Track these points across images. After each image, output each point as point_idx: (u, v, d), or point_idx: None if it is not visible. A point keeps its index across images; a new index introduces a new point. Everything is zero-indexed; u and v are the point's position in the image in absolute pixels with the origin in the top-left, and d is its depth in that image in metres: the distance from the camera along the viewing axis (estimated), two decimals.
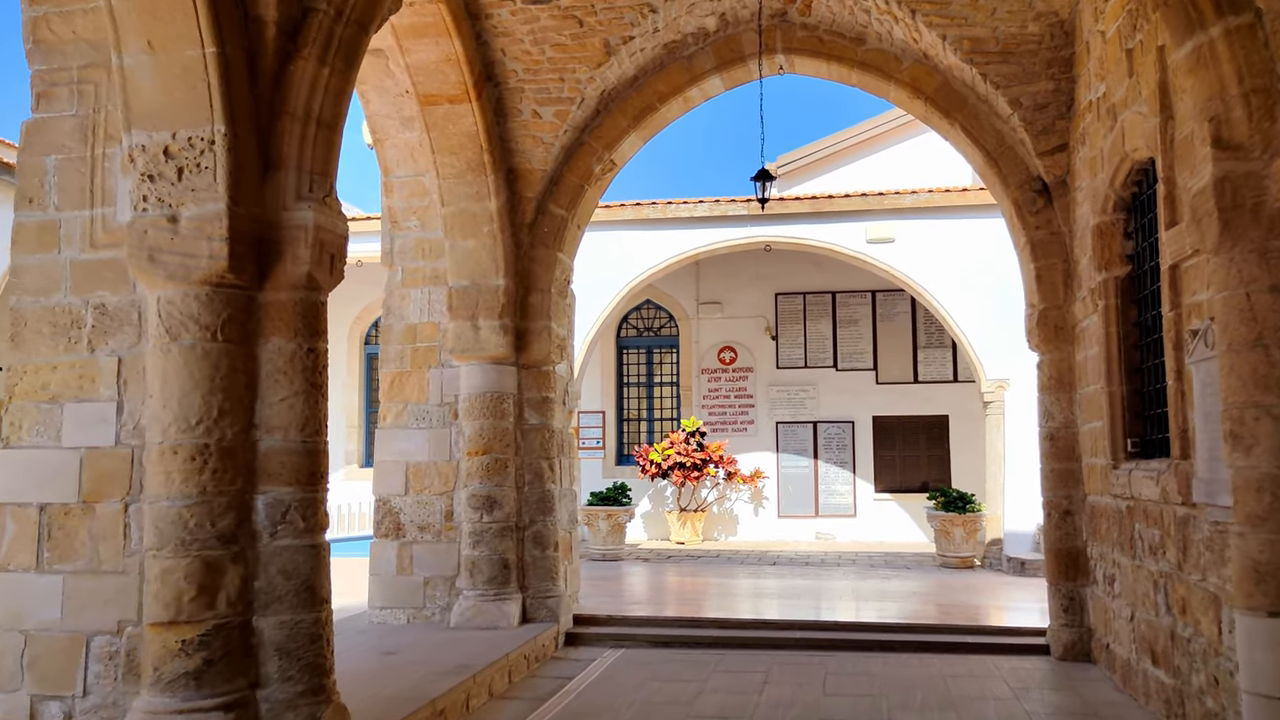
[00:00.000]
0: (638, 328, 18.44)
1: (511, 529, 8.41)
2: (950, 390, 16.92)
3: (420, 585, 8.52)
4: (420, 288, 8.91)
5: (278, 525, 4.42)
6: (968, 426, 16.58)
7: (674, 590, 11.40)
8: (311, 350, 4.58)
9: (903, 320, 17.25)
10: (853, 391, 17.21)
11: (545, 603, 8.44)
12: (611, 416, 18.09)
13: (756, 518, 17.36)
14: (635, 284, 14.50)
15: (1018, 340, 13.41)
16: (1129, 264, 6.42)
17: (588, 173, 8.82)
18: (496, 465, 8.37)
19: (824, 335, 17.46)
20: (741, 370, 17.66)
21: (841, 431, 17.20)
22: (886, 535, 16.84)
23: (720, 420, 17.57)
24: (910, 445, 17.13)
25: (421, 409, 8.75)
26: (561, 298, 9.05)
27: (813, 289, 17.53)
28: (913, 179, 15.26)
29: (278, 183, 4.56)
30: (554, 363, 8.88)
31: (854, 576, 12.42)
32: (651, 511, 17.66)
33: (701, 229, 14.34)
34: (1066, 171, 7.66)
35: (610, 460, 17.96)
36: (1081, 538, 7.47)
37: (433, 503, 8.61)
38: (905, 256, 13.75)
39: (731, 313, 17.76)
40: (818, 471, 17.23)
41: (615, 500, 14.32)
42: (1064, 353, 7.72)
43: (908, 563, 13.99)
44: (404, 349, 8.87)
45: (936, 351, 17.06)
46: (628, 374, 18.42)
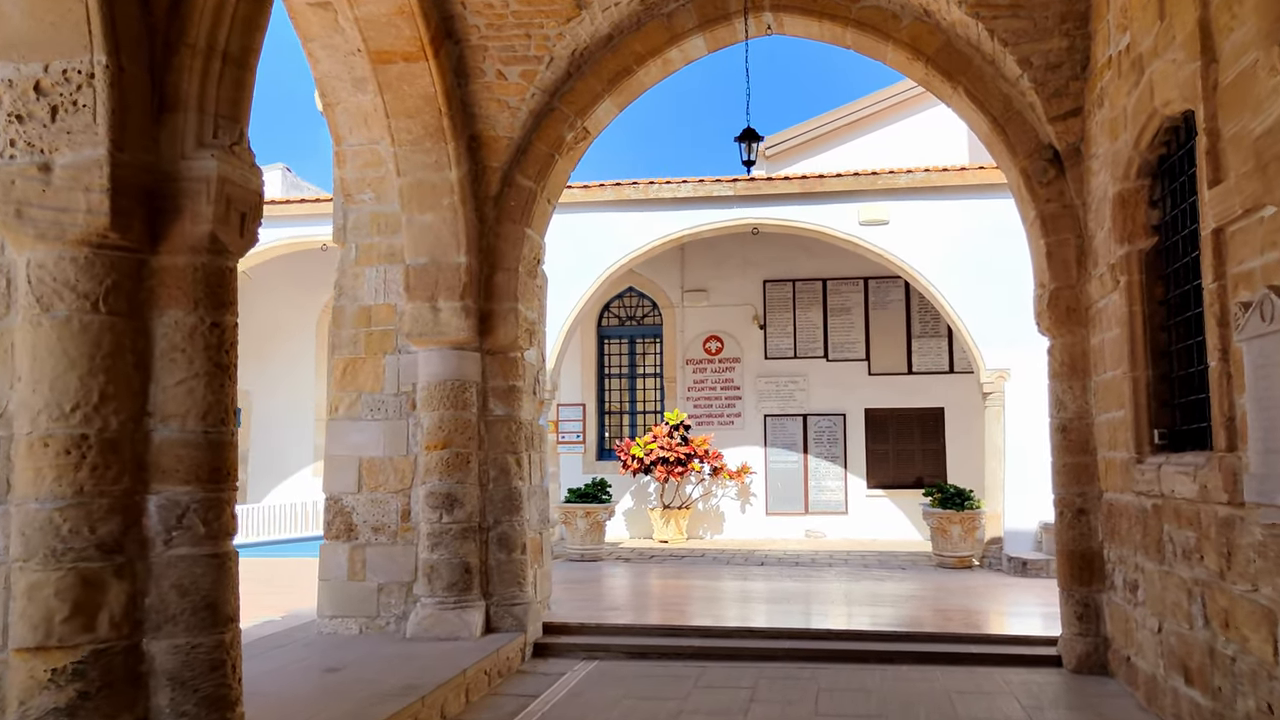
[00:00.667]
0: (620, 316, 17.81)
1: (474, 530, 7.77)
2: (946, 381, 16.36)
3: (374, 592, 7.87)
4: (375, 266, 8.25)
5: (173, 531, 3.77)
6: (964, 419, 16.03)
7: (654, 594, 10.79)
8: (216, 325, 3.93)
9: (896, 308, 16.68)
10: (844, 383, 16.64)
11: (511, 610, 7.80)
12: (592, 409, 17.47)
13: (744, 515, 16.78)
14: (616, 268, 13.86)
15: (1018, 328, 12.86)
16: (1155, 235, 5.83)
17: (558, 141, 8.17)
18: (457, 460, 7.72)
19: (814, 324, 16.87)
20: (728, 361, 17.06)
21: (832, 425, 16.63)
22: (879, 533, 16.28)
23: (706, 413, 16.97)
24: (904, 439, 16.58)
25: (376, 399, 8.10)
26: (530, 278, 8.41)
27: (802, 276, 16.95)
28: (908, 159, 14.67)
29: (175, 126, 3.90)
30: (522, 348, 8.24)
31: (846, 578, 11.84)
32: (634, 509, 17.06)
33: (685, 210, 13.71)
34: (1080, 138, 7.06)
35: (591, 455, 17.35)
36: (1097, 539, 6.89)
37: (388, 501, 7.96)
38: (900, 239, 13.16)
39: (718, 301, 17.16)
40: (807, 466, 16.65)
41: (594, 497, 13.71)
42: (1077, 336, 7.13)
43: (902, 562, 13.42)
44: (357, 333, 8.21)
45: (931, 341, 16.49)
46: (609, 365, 17.81)
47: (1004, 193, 12.96)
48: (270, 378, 18.10)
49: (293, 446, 18.29)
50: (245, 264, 15.57)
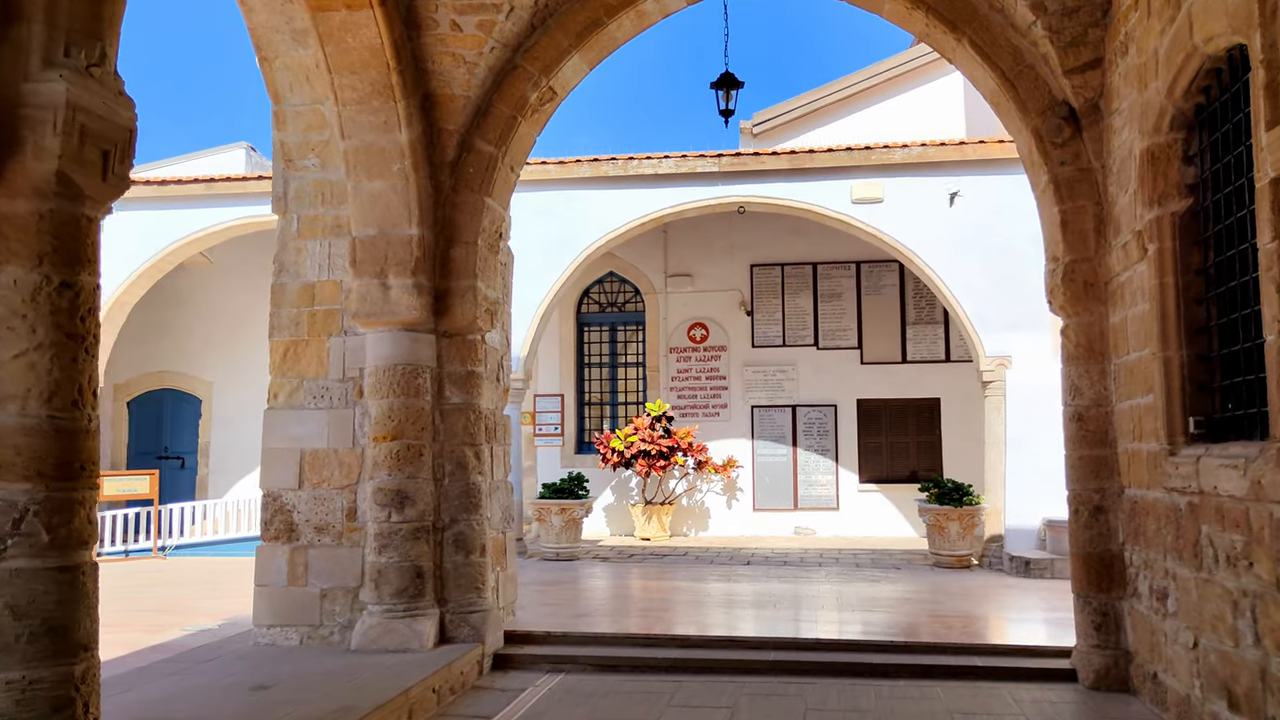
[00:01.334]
0: (600, 303, 17.12)
1: (427, 530, 7.08)
2: (942, 371, 15.74)
3: (316, 599, 7.18)
4: (319, 239, 7.54)
5: (7, 540, 3.08)
6: (961, 410, 15.41)
7: (630, 597, 10.12)
8: (67, 285, 3.22)
9: (890, 294, 16.03)
10: (835, 372, 16.00)
11: (468, 619, 7.12)
12: (571, 400, 16.78)
13: (729, 511, 16.13)
14: (593, 249, 13.17)
15: (1020, 313, 12.26)
16: (1189, 195, 5.17)
17: (521, 102, 7.46)
18: (409, 453, 7.03)
19: (804, 310, 16.22)
20: (713, 349, 16.40)
21: (823, 416, 15.99)
22: (872, 530, 15.66)
23: (690, 404, 16.31)
24: (898, 431, 15.95)
25: (320, 385, 7.40)
26: (492, 253, 7.71)
27: (791, 259, 16.29)
28: (903, 136, 14.00)
29: (16, 41, 3.19)
30: (482, 330, 7.54)
31: (837, 579, 11.20)
32: (614, 504, 16.39)
33: (667, 188, 13.02)
34: (1100, 93, 6.39)
35: (569, 448, 16.67)
36: (1117, 540, 6.25)
37: (332, 498, 7.26)
38: (894, 218, 12.50)
39: (703, 286, 16.49)
40: (797, 460, 16.01)
41: (570, 493, 13.03)
42: (1095, 315, 6.47)
43: (896, 561, 12.79)
44: (299, 313, 7.50)
45: (927, 328, 15.86)
46: (589, 353, 17.12)
47: (1006, 168, 12.35)
48: (234, 368, 17.36)
49: (257, 440, 17.50)
50: (205, 245, 14.84)
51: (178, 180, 14.18)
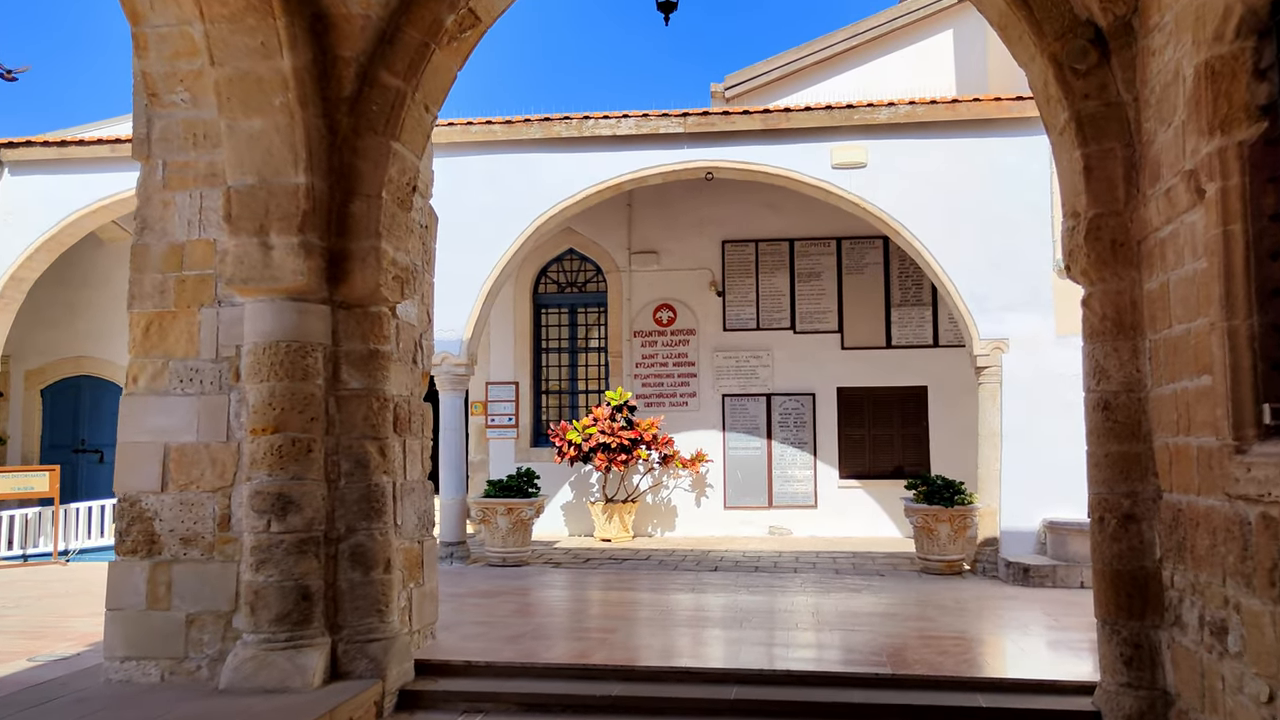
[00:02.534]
0: (558, 282, 15.98)
1: (316, 542, 5.93)
2: (930, 357, 14.73)
3: (181, 625, 6.02)
4: (190, 190, 6.36)
5: None
6: (951, 400, 14.41)
7: (578, 613, 9.01)
8: None
9: (873, 273, 14.99)
10: (814, 358, 14.94)
11: (366, 649, 5.98)
12: (527, 388, 15.65)
13: (698, 509, 15.07)
14: (545, 220, 12.02)
15: (1019, 290, 11.22)
16: (1263, 119, 4.10)
17: (435, 26, 6.29)
18: (294, 449, 5.88)
19: (780, 291, 15.14)
20: (681, 333, 15.30)
21: (800, 406, 14.94)
22: (853, 529, 14.64)
23: (656, 393, 15.21)
24: (882, 422, 14.93)
25: (189, 366, 6.23)
26: (402, 209, 6.54)
27: (766, 235, 15.21)
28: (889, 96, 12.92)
29: None
30: (388, 301, 6.39)
31: (814, 588, 10.14)
32: (573, 502, 15.29)
33: (627, 151, 11.88)
34: (1133, 9, 5.32)
35: (525, 441, 15.55)
36: (1153, 556, 5.20)
37: (202, 504, 6.10)
38: (879, 186, 11.42)
39: (670, 264, 15.39)
40: (772, 454, 14.95)
41: (519, 491, 11.90)
42: (1126, 280, 5.41)
43: (880, 566, 11.76)
44: (165, 280, 6.32)
45: (914, 310, 14.83)
46: (547, 337, 15.99)
47: (1004, 129, 11.30)
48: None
49: None
50: (115, 214, 13.60)
51: (79, 141, 12.90)
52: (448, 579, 10.75)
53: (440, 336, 11.96)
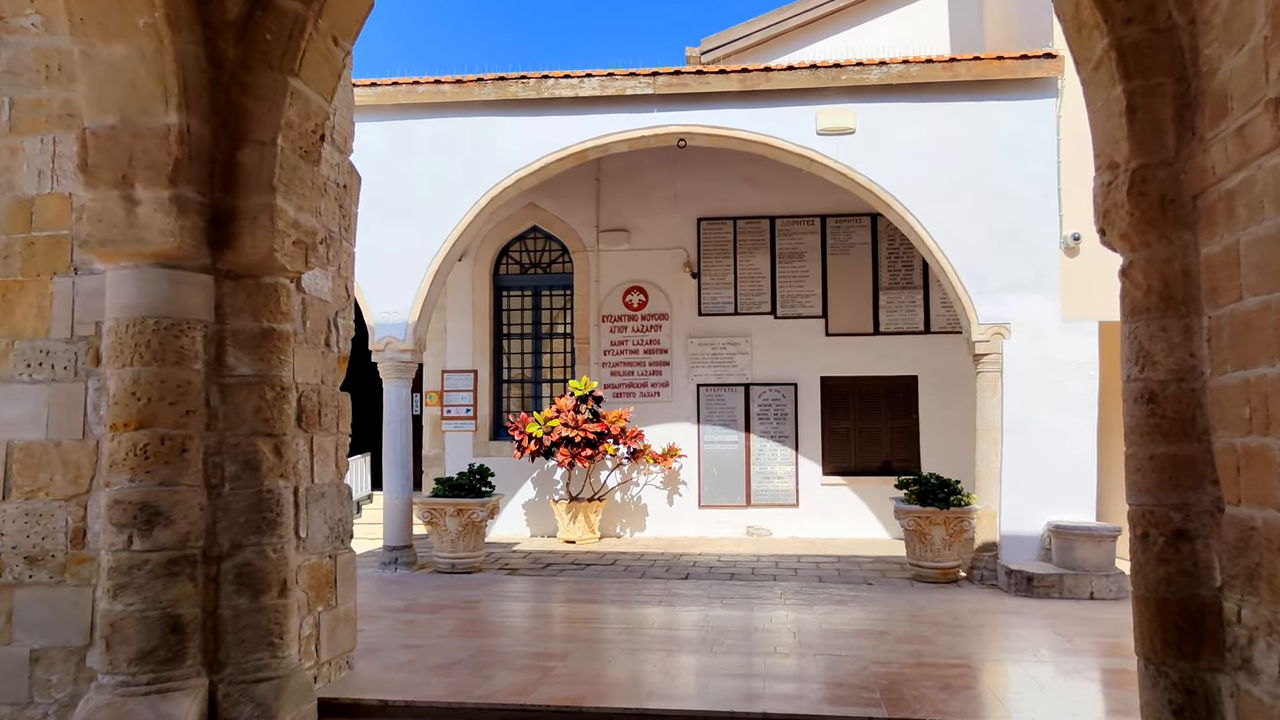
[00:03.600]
0: (521, 263, 14.98)
1: (192, 561, 4.93)
2: (920, 344, 13.84)
3: (25, 664, 5.02)
4: (42, 135, 5.34)
5: None
6: (943, 391, 13.55)
7: (527, 633, 8.05)
8: None
9: (861, 253, 14.07)
10: (796, 345, 14.03)
11: (253, 691, 5.00)
12: (486, 377, 14.65)
13: (671, 508, 14.14)
14: (501, 190, 11.00)
15: (1021, 270, 10.31)
16: None
17: None
18: (164, 448, 4.87)
19: (759, 272, 14.21)
20: (653, 317, 14.35)
21: (781, 397, 14.02)
22: (837, 530, 13.76)
23: (626, 382, 14.26)
24: (869, 415, 14.03)
25: (38, 347, 5.21)
26: (307, 162, 5.53)
27: (745, 212, 14.26)
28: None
29: None
30: (287, 270, 5.38)
31: (796, 600, 9.24)
32: (536, 501, 14.33)
33: (592, 114, 10.88)
34: None
35: (484, 434, 14.56)
36: (1211, 582, 4.29)
37: (52, 515, 5.10)
38: (869, 154, 10.49)
39: (641, 243, 14.42)
40: (750, 448, 14.04)
41: (470, 489, 10.92)
42: (1177, 245, 4.48)
43: (868, 573, 10.87)
44: (11, 243, 5.30)
45: (904, 294, 13.93)
46: (509, 322, 15.00)
47: (1006, 92, 10.37)
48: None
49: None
50: None
51: None
52: (387, 589, 9.76)
53: (383, 319, 10.96)
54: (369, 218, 11.18)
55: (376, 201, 11.12)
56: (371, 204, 11.15)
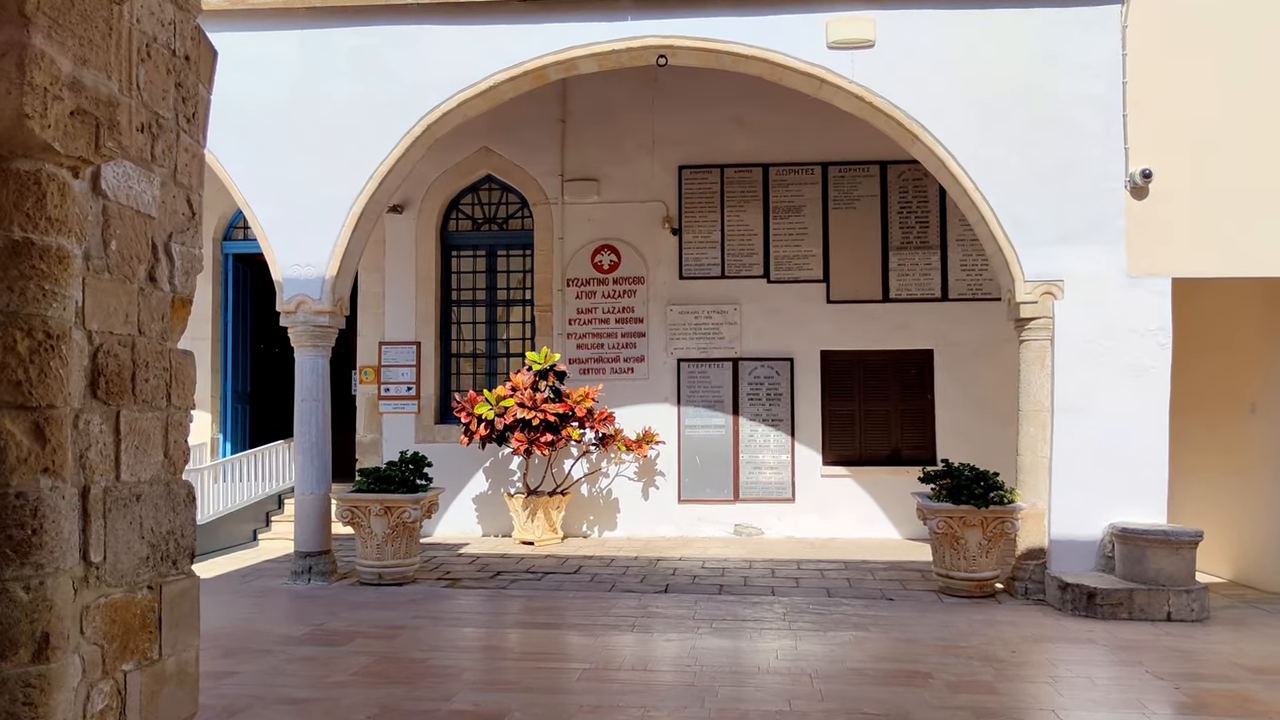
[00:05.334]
0: (473, 217, 13.12)
1: None
2: (937, 313, 12.15)
3: None
4: None
5: None
6: (961, 367, 11.89)
7: (459, 678, 6.20)
8: None
9: (868, 208, 12.33)
10: (792, 314, 12.29)
11: None
12: (432, 350, 12.82)
13: (646, 503, 12.38)
14: (438, 117, 9.13)
15: (1077, 215, 8.43)
16: None
17: None
18: None
19: (750, 229, 12.44)
20: (627, 281, 12.56)
21: (775, 374, 12.28)
22: (840, 529, 12.06)
23: (595, 356, 12.47)
24: (876, 395, 12.32)
25: None
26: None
27: (735, 160, 12.48)
28: None
29: None
30: (59, 154, 3.51)
31: (802, 623, 7.52)
32: (490, 494, 12.53)
33: (552, 22, 9.01)
34: None
35: (428, 416, 12.73)
36: None
37: None
38: (892, 72, 8.71)
39: (613, 195, 12.61)
40: (739, 434, 12.29)
41: (401, 482, 9.08)
42: None
43: (884, 583, 9.17)
44: None
45: (918, 255, 12.21)
46: (459, 286, 13.15)
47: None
48: None
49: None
50: None
51: None
52: (290, 608, 7.94)
53: (293, 274, 9.10)
54: (275, 151, 9.31)
55: (284, 130, 9.25)
56: (278, 134, 9.26)
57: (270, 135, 9.26)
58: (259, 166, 9.22)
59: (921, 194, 12.17)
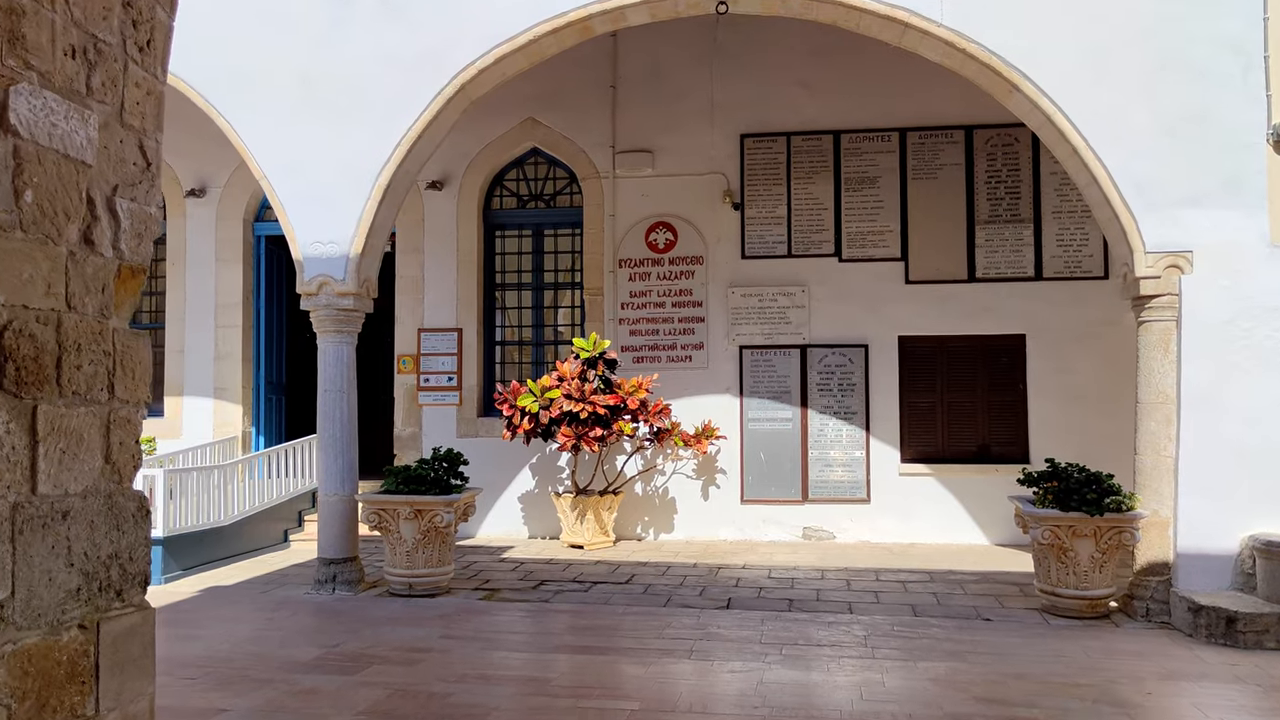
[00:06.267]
0: (518, 194, 12.29)
1: None
2: (1030, 294, 11.04)
3: None
4: None
5: None
6: (1058, 354, 10.78)
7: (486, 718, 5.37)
8: None
9: (951, 177, 11.24)
10: (867, 296, 11.27)
11: None
12: (475, 338, 12.01)
13: (706, 503, 11.46)
14: (475, 74, 8.27)
15: (1208, 174, 7.16)
16: None
17: None
18: None
19: (820, 203, 11.43)
20: (684, 261, 11.63)
21: (847, 363, 11.27)
22: (921, 533, 11.02)
23: (649, 344, 11.57)
24: (961, 385, 11.26)
25: None
26: None
27: (802, 126, 11.48)
28: None
29: None
30: None
31: (891, 650, 6.55)
32: (536, 493, 11.71)
33: None
34: None
35: (471, 409, 11.94)
36: None
37: None
38: (987, 10, 7.65)
39: (669, 167, 11.68)
40: (808, 428, 11.31)
41: (435, 483, 8.26)
42: None
43: (977, 598, 8.15)
44: None
45: (1008, 229, 11.10)
46: (504, 269, 12.34)
47: None
48: None
49: None
50: None
51: None
52: (307, 624, 7.17)
53: (314, 252, 8.32)
54: (295, 116, 8.53)
55: (304, 93, 8.47)
56: (297, 97, 8.49)
57: (289, 99, 8.49)
58: (277, 133, 8.46)
59: (1012, 161, 11.05)
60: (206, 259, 12.38)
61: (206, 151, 11.85)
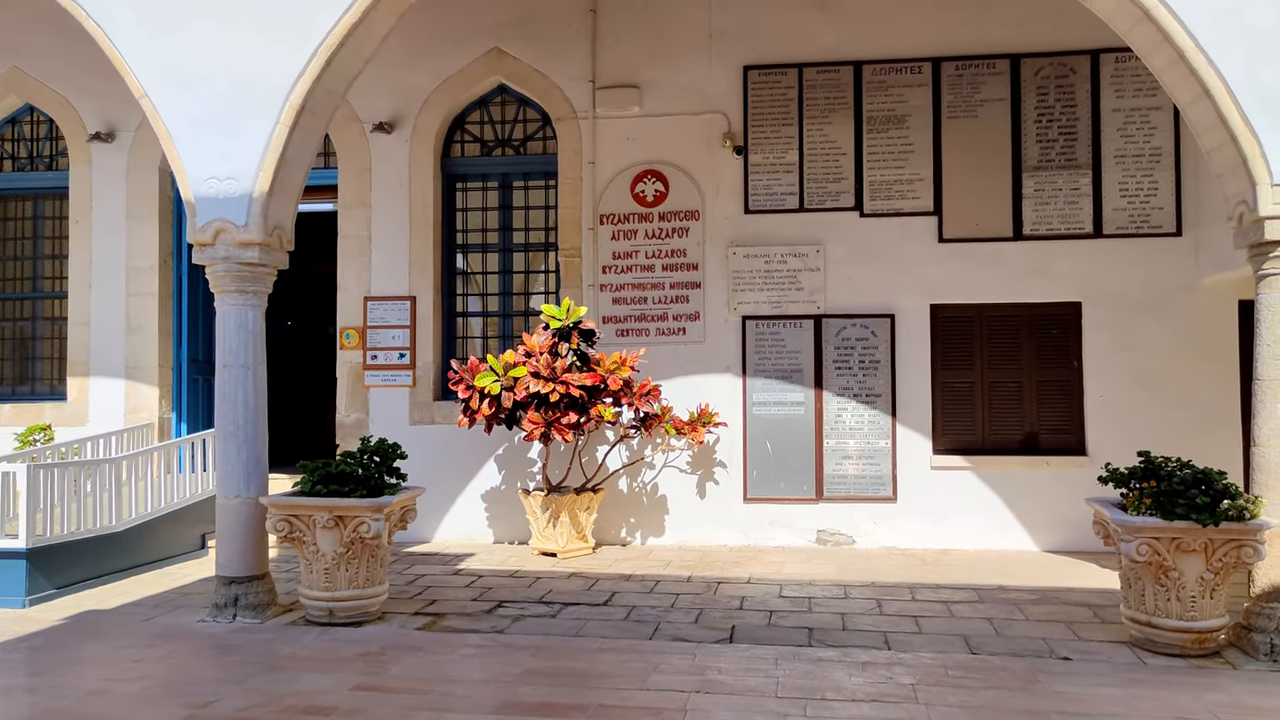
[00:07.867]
0: (482, 139, 10.66)
1: None
2: (1088, 254, 9.47)
3: None
4: None
5: None
6: (1122, 326, 9.24)
7: None
8: None
9: (995, 115, 9.65)
10: (893, 256, 9.69)
11: None
12: (431, 308, 10.40)
13: (703, 502, 9.88)
14: None
15: None
16: None
17: None
18: None
19: (838, 148, 9.83)
20: (677, 217, 10.02)
21: (870, 335, 9.69)
22: (957, 538, 9.47)
23: (636, 314, 9.99)
24: (1005, 362, 9.68)
25: None
26: None
27: (817, 57, 9.87)
28: None
29: None
30: None
31: (941, 706, 4.99)
32: (503, 489, 10.12)
33: None
34: None
35: (427, 390, 10.35)
36: None
37: None
38: None
39: (659, 106, 10.07)
40: (822, 413, 9.73)
41: (360, 482, 6.65)
42: None
43: (1037, 624, 6.60)
44: None
45: (1061, 177, 9.52)
46: (466, 227, 10.72)
47: None
48: None
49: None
50: None
51: None
52: (183, 666, 5.56)
53: (208, 191, 6.70)
54: (181, 13, 6.83)
55: None
56: None
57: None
58: (160, 38, 6.81)
59: (1067, 95, 9.46)
60: (116, 215, 10.74)
61: (115, 89, 10.15)
